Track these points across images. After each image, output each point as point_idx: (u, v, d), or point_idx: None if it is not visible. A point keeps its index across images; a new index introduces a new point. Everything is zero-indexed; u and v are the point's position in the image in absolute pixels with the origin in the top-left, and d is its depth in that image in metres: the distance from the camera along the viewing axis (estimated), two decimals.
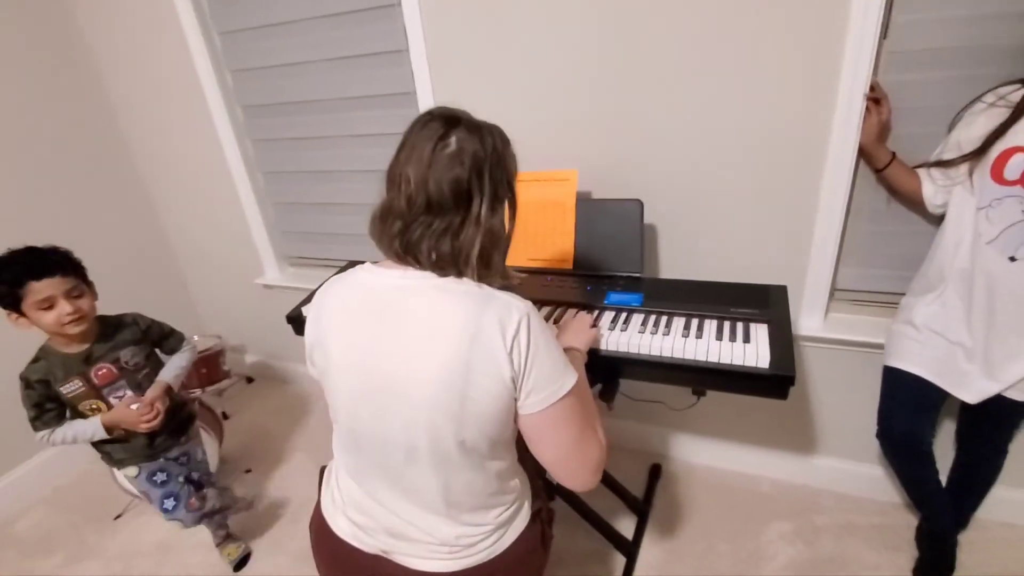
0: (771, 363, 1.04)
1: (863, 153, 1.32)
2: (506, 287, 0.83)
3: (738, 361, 1.07)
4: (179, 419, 1.51)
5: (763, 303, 1.21)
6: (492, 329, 0.73)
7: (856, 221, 1.43)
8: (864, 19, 1.17)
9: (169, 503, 1.45)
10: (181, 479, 1.49)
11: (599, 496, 1.70)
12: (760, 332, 1.13)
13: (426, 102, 1.68)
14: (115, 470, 1.48)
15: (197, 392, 2.08)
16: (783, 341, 1.09)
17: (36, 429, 1.30)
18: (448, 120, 0.79)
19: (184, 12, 1.90)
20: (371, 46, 1.71)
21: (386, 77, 1.73)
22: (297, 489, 1.95)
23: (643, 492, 1.77)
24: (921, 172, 1.27)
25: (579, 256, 1.47)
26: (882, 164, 1.30)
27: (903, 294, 1.34)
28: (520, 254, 1.53)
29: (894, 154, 1.29)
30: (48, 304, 1.22)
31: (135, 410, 1.33)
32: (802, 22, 1.24)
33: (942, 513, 1.40)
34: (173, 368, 1.46)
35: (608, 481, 1.69)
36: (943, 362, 1.24)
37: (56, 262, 1.25)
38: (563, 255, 1.48)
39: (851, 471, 1.67)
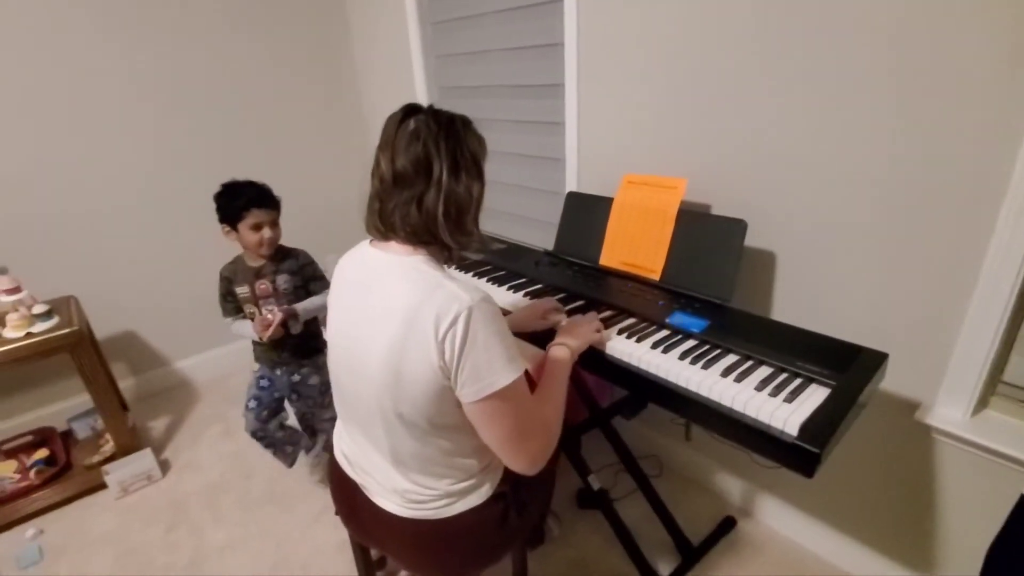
0: (800, 431, 0.89)
1: None
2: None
3: (764, 418, 0.93)
4: (305, 346, 1.75)
5: (844, 365, 1.02)
6: (428, 318, 0.81)
7: None
8: None
9: (253, 403, 1.71)
10: (277, 395, 1.75)
11: (650, 522, 1.62)
12: (814, 395, 0.97)
13: (571, 94, 1.74)
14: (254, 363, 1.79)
15: None
16: (835, 413, 0.92)
17: (223, 315, 1.69)
18: (410, 109, 0.90)
19: (410, 4, 2.27)
20: (533, 39, 1.83)
21: (543, 69, 1.83)
22: None
23: (702, 539, 1.62)
24: None
25: (670, 268, 1.40)
26: None
27: None
28: (614, 255, 1.52)
29: None
30: (258, 227, 1.56)
31: (256, 324, 1.59)
32: (991, 35, 0.96)
33: None
34: (308, 302, 1.69)
35: (663, 513, 1.60)
36: None
37: (272, 197, 1.60)
38: (653, 264, 1.43)
39: None
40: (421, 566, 1.07)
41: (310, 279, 1.73)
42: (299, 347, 1.74)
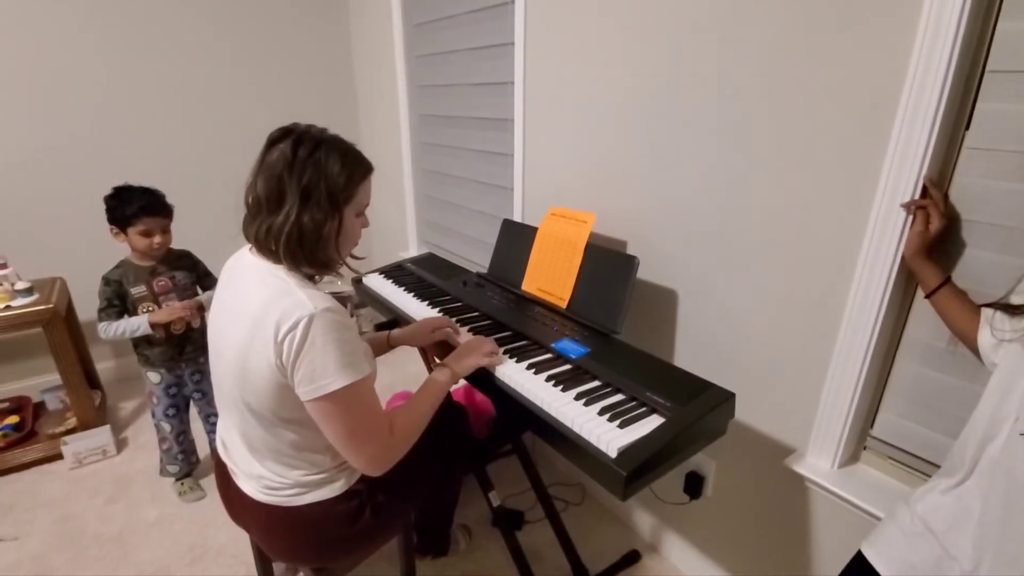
0: (619, 454, 0.94)
1: (911, 272, 1.02)
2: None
3: (592, 440, 0.98)
4: (204, 340, 1.79)
5: (688, 399, 1.05)
6: (271, 320, 0.89)
7: (906, 359, 1.09)
8: (920, 95, 0.91)
9: (172, 411, 1.85)
10: (184, 394, 1.88)
11: (549, 546, 1.64)
12: (646, 425, 1.00)
13: (519, 129, 1.84)
14: (146, 372, 1.82)
15: None
16: (657, 442, 0.96)
17: (100, 319, 1.67)
18: (284, 132, 0.96)
19: (398, 40, 2.44)
20: (492, 76, 1.95)
21: (499, 104, 1.95)
22: None
23: (601, 570, 1.62)
24: (984, 313, 0.92)
25: (576, 298, 1.46)
26: (927, 289, 0.98)
27: None
28: (533, 282, 1.59)
29: (948, 279, 0.96)
30: (148, 233, 1.64)
31: (177, 305, 1.72)
32: (849, 98, 1.02)
33: None
34: (206, 295, 1.82)
35: (564, 539, 1.61)
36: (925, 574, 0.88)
37: (164, 206, 1.67)
38: (563, 292, 1.49)
39: None
40: (276, 550, 1.14)
41: (203, 275, 1.87)
42: (200, 340, 1.84)
